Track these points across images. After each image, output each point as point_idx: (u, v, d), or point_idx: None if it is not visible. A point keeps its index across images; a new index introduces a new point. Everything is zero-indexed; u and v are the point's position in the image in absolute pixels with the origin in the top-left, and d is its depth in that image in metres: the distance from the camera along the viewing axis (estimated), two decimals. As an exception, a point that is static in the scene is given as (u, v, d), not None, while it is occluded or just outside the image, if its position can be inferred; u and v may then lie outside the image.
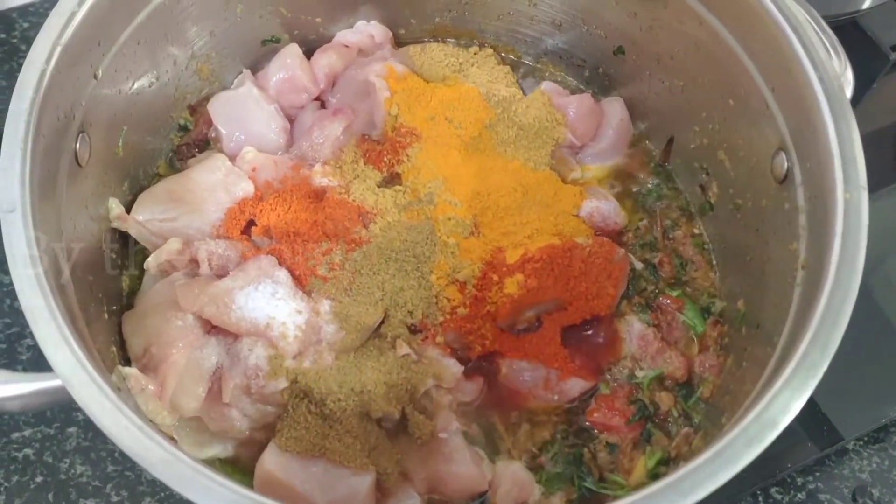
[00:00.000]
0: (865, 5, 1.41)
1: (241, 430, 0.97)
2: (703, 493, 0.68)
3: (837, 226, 0.82)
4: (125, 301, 1.06)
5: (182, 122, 1.19)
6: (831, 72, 0.88)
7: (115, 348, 0.99)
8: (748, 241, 1.03)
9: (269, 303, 0.98)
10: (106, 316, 1.00)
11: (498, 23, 1.29)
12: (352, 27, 1.27)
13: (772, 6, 0.92)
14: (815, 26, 0.93)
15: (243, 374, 0.95)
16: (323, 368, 0.98)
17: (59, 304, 0.78)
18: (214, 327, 0.99)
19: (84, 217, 0.97)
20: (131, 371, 0.93)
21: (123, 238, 1.07)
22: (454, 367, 1.01)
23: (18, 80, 0.85)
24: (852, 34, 1.43)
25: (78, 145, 0.94)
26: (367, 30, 1.27)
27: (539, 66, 1.32)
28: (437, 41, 1.32)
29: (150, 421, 0.91)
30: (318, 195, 1.11)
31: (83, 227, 0.97)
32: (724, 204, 1.11)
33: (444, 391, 1.01)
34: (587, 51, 1.25)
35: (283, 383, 0.96)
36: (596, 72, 1.27)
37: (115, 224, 1.04)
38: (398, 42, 1.31)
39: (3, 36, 1.44)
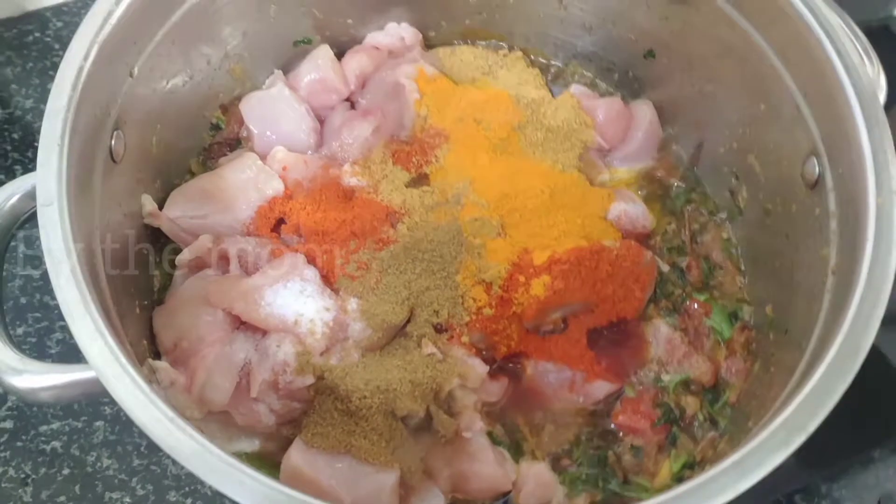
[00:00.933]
0: (899, 11, 1.40)
1: (268, 425, 0.98)
2: (731, 495, 0.68)
3: (869, 230, 0.81)
4: (156, 296, 1.08)
5: (214, 120, 1.20)
6: (864, 77, 0.87)
7: (145, 342, 1.00)
8: (778, 246, 1.03)
9: (298, 300, 0.99)
10: (137, 311, 1.01)
11: (527, 25, 1.29)
12: (382, 29, 1.28)
13: (804, 10, 0.92)
14: (848, 31, 0.92)
15: (271, 370, 0.96)
16: (349, 365, 0.98)
17: (93, 297, 0.79)
18: (243, 323, 1.00)
19: (118, 213, 0.99)
20: (161, 364, 0.95)
21: (155, 235, 1.09)
22: (479, 367, 1.02)
23: (57, 77, 0.87)
24: (885, 39, 1.42)
25: (113, 142, 0.95)
26: (397, 32, 1.28)
27: (568, 68, 1.32)
28: (467, 43, 1.32)
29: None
30: (348, 195, 1.12)
31: (116, 223, 0.98)
32: (753, 209, 1.10)
33: (469, 391, 1.01)
34: (617, 54, 1.25)
35: (309, 379, 0.96)
36: (626, 75, 1.26)
37: (147, 220, 1.06)
38: (428, 44, 1.32)
39: (37, 34, 1.47)
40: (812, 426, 0.71)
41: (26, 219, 0.89)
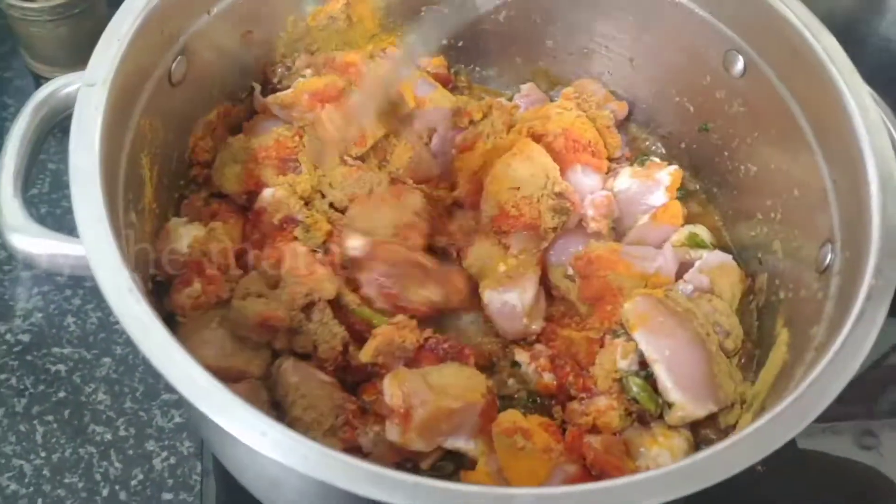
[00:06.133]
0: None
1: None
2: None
3: (854, 310, 0.79)
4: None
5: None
6: (891, 162, 0.86)
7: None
8: (776, 328, 1.00)
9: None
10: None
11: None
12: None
13: (846, 92, 0.92)
14: (891, 126, 0.91)
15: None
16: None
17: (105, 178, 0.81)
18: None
19: (161, 131, 1.00)
20: None
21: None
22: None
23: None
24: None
25: (174, 65, 0.99)
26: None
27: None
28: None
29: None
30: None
31: (161, 143, 1.00)
32: (766, 295, 1.08)
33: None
34: (674, 123, 1.24)
35: None
36: (679, 147, 1.26)
37: None
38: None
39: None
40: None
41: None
